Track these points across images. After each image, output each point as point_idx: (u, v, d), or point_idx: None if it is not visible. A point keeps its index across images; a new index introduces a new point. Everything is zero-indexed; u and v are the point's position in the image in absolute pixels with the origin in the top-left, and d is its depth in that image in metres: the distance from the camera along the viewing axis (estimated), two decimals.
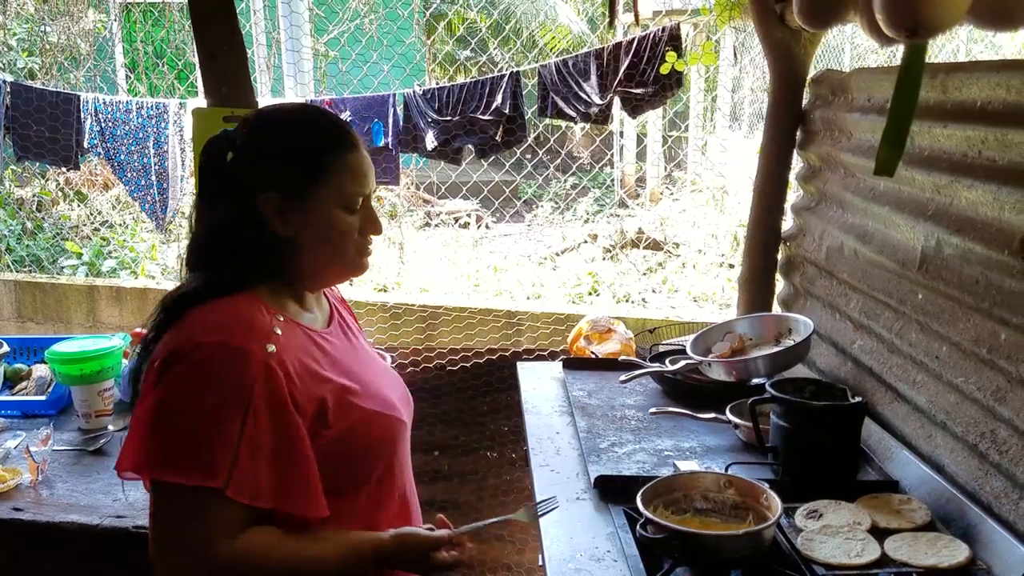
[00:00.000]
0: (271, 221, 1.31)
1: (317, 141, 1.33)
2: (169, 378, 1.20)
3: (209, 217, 1.34)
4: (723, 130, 7.28)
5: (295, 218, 1.32)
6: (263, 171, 1.31)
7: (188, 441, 1.18)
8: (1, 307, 4.69)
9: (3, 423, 2.30)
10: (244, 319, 1.26)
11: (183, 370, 1.20)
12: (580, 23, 9.57)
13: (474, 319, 3.83)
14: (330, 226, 1.34)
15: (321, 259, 1.37)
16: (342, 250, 1.37)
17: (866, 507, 1.62)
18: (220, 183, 1.33)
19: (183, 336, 1.23)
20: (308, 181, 1.31)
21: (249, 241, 1.31)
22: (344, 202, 1.34)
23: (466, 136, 3.71)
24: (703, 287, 5.40)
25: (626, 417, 2.14)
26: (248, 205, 1.30)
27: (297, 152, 1.32)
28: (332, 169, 1.33)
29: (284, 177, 1.31)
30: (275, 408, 1.22)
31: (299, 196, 1.31)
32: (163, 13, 6.78)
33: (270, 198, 1.30)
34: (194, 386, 1.20)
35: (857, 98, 2.21)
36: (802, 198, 2.58)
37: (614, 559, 1.51)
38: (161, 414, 1.20)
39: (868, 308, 2.06)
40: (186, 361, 1.21)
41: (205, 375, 1.20)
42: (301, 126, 1.35)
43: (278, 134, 1.34)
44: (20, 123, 4.02)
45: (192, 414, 1.19)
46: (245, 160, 1.31)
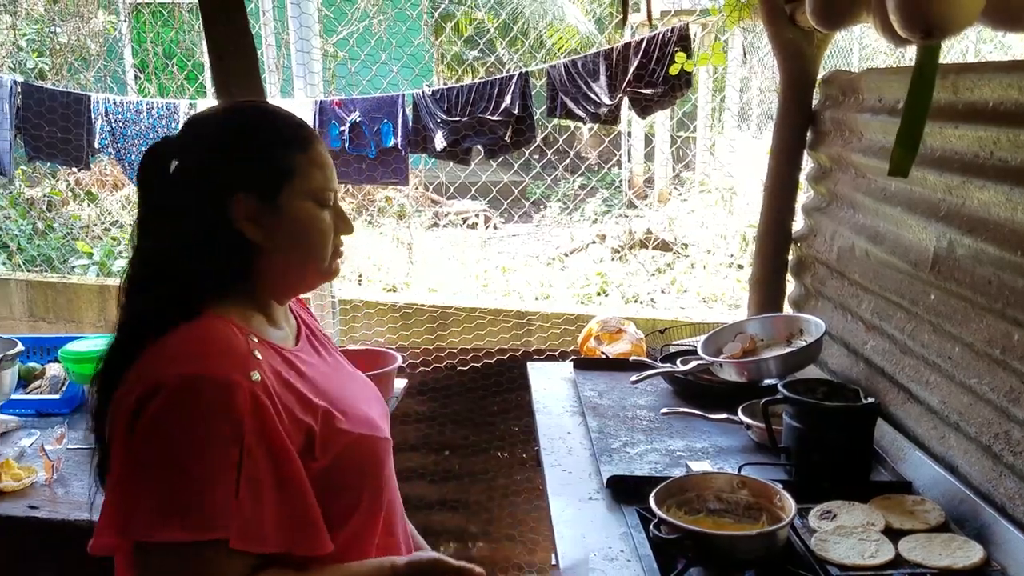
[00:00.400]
0: (243, 226, 1.20)
1: (283, 137, 1.24)
2: (145, 422, 1.06)
3: (167, 230, 1.19)
4: (731, 130, 7.27)
5: (269, 220, 1.21)
6: (231, 172, 1.20)
7: (180, 491, 1.04)
8: (13, 306, 4.71)
9: (18, 422, 2.32)
10: (221, 345, 1.13)
11: (161, 410, 1.05)
12: (588, 23, 9.57)
13: (484, 319, 3.84)
14: (308, 224, 1.24)
15: (296, 263, 1.26)
16: (320, 250, 1.26)
17: (879, 508, 1.62)
18: (176, 191, 1.20)
19: (154, 371, 1.09)
20: (281, 179, 1.21)
21: (219, 250, 1.19)
22: (317, 197, 1.25)
23: (475, 136, 3.71)
24: (712, 288, 5.39)
25: (637, 417, 2.14)
26: (216, 211, 1.18)
27: (264, 149, 1.22)
28: (302, 164, 1.23)
29: (256, 177, 1.20)
30: (269, 442, 1.10)
31: (272, 196, 1.21)
32: (172, 14, 6.81)
33: (242, 200, 1.19)
34: (177, 428, 1.05)
35: (868, 98, 2.21)
36: (813, 199, 2.58)
37: (628, 559, 1.52)
38: (142, 465, 1.06)
39: (880, 309, 2.06)
40: (163, 400, 1.06)
41: (188, 414, 1.06)
42: (259, 123, 1.25)
43: (242, 131, 1.24)
44: (31, 123, 4.04)
45: (180, 460, 1.05)
46: (206, 163, 1.20)
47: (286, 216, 1.22)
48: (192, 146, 1.22)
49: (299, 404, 1.19)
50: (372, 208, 7.23)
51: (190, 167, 1.21)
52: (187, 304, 1.16)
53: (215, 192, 1.19)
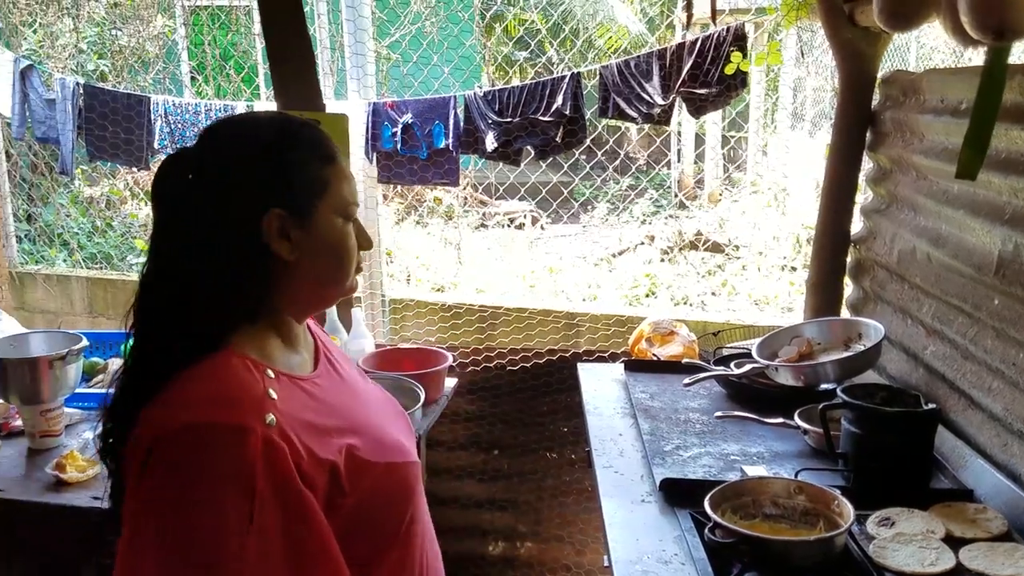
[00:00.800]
0: (275, 244, 1.13)
1: (314, 150, 1.18)
2: (154, 473, 1.01)
3: (188, 249, 1.12)
4: (785, 131, 7.17)
5: (300, 237, 1.15)
6: (262, 186, 1.13)
7: (191, 542, 1.00)
8: (74, 302, 4.85)
9: (81, 415, 2.38)
10: (235, 387, 1.07)
11: (171, 461, 1.01)
12: (639, 23, 9.52)
13: (533, 320, 3.85)
14: (338, 241, 1.19)
15: (324, 280, 1.21)
16: (348, 266, 1.22)
17: (940, 515, 1.59)
18: (199, 207, 1.12)
19: (165, 416, 1.04)
20: (314, 194, 1.16)
21: (249, 270, 1.13)
22: (344, 212, 1.20)
23: (526, 137, 3.72)
24: (764, 290, 5.33)
25: (690, 420, 2.13)
26: (247, 228, 1.12)
27: (299, 163, 1.16)
28: (332, 178, 1.18)
29: (290, 192, 1.14)
30: (282, 490, 1.04)
31: (305, 212, 1.15)
32: (229, 17, 6.94)
33: (275, 217, 1.13)
34: (187, 478, 1.00)
35: (929, 99, 2.17)
36: (872, 200, 2.53)
37: (681, 562, 1.51)
38: (152, 516, 1.01)
39: (941, 313, 2.02)
40: (172, 450, 1.02)
41: (199, 464, 1.01)
42: (293, 136, 1.18)
43: (272, 143, 1.16)
44: (94, 124, 4.15)
45: (189, 510, 1.00)
46: (235, 177, 1.13)
47: (317, 232, 1.17)
48: (217, 159, 1.15)
49: (320, 442, 1.12)
50: (421, 208, 7.29)
51: (215, 181, 1.13)
52: (211, 337, 1.10)
53: (245, 208, 1.12)
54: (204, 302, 1.10)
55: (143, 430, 1.04)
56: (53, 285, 4.85)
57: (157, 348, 1.10)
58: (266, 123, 1.21)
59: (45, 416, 2.18)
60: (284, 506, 1.03)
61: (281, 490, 1.03)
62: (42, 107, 4.26)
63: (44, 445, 2.18)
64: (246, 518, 1.00)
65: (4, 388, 2.17)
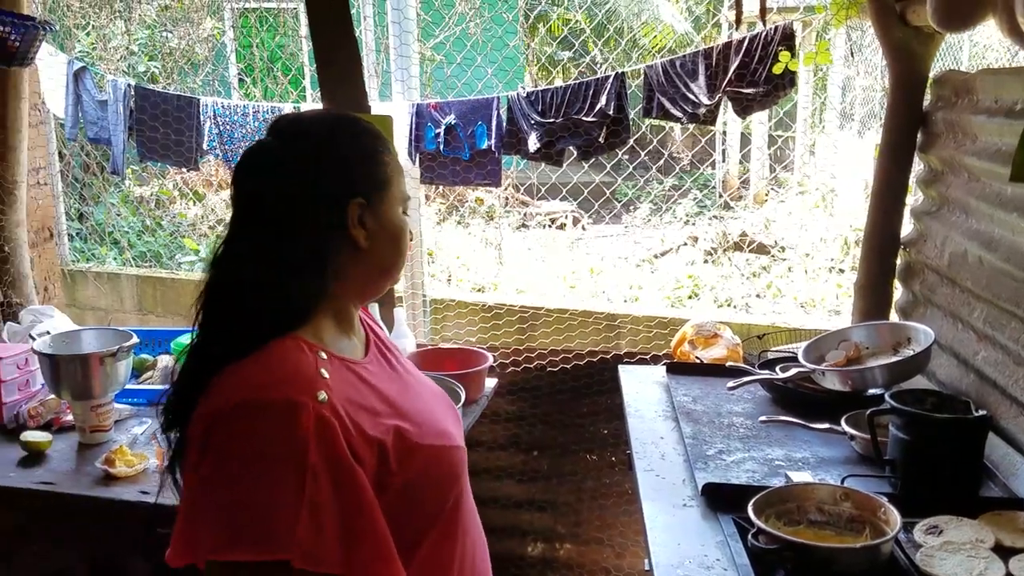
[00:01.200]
0: (353, 230, 1.20)
1: (380, 144, 1.26)
2: (212, 449, 1.07)
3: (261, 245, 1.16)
4: (833, 130, 7.06)
5: (372, 226, 1.22)
6: (348, 178, 1.21)
7: (245, 514, 1.04)
8: (124, 300, 4.96)
9: (131, 410, 2.43)
10: (289, 367, 1.12)
11: (227, 438, 1.07)
12: (684, 22, 9.45)
13: (573, 320, 3.84)
14: (399, 231, 1.26)
15: (385, 268, 1.28)
16: (404, 254, 1.29)
17: (989, 524, 1.55)
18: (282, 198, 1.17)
19: (221, 399, 1.09)
20: (383, 185, 1.24)
21: (330, 256, 1.19)
22: (403, 205, 1.28)
23: (569, 138, 3.71)
24: (811, 293, 5.25)
25: (734, 424, 2.11)
26: (332, 217, 1.19)
27: (373, 156, 1.24)
28: (393, 171, 1.26)
29: (367, 183, 1.22)
30: (334, 465, 1.08)
31: (377, 202, 1.23)
32: (277, 19, 7.03)
33: (356, 206, 1.20)
34: (242, 453, 1.06)
35: (983, 100, 2.12)
36: (922, 202, 2.48)
37: (724, 568, 1.49)
38: (210, 488, 1.07)
39: (993, 318, 1.97)
40: (229, 427, 1.07)
41: (253, 439, 1.06)
42: (363, 130, 1.26)
43: (345, 138, 1.24)
44: (145, 125, 4.23)
45: (245, 483, 1.04)
46: (316, 169, 1.19)
47: (385, 222, 1.24)
48: (302, 150, 1.20)
49: (369, 421, 1.16)
50: (463, 209, 7.31)
51: (302, 172, 1.18)
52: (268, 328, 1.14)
53: (332, 197, 1.19)
54: (281, 286, 1.14)
55: (204, 409, 1.10)
56: (103, 283, 4.97)
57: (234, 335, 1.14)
58: (338, 118, 1.29)
59: (96, 411, 2.22)
60: (336, 481, 1.07)
61: (333, 465, 1.07)
62: (94, 108, 4.36)
63: (94, 440, 2.23)
64: (299, 492, 1.04)
65: (56, 384, 2.23)
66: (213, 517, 1.05)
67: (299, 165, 1.18)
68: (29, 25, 2.66)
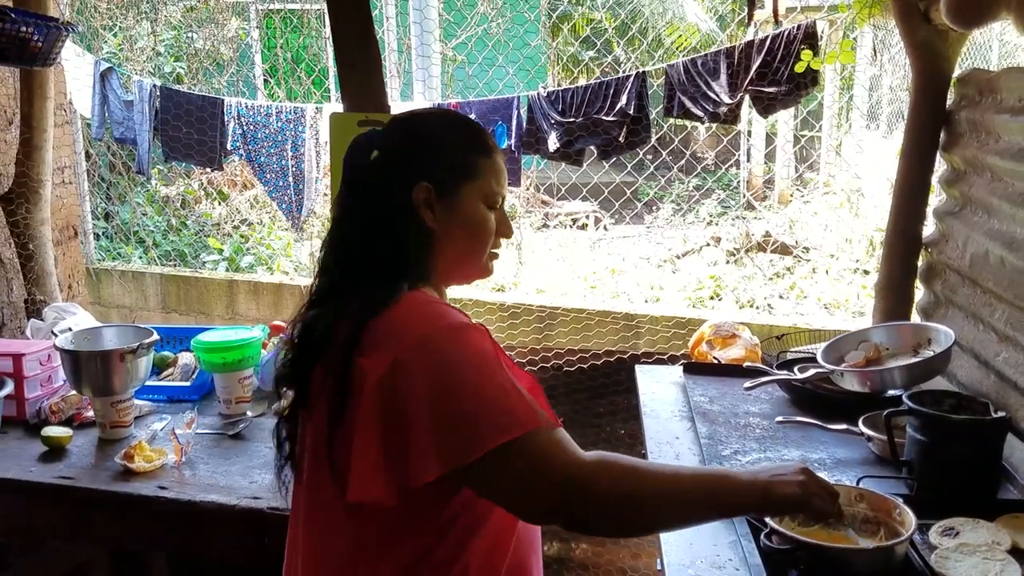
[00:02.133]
0: (421, 211, 1.34)
1: (469, 140, 1.39)
2: (419, 380, 1.19)
3: (360, 216, 1.35)
4: (860, 130, 6.98)
5: (443, 210, 1.35)
6: (419, 164, 1.35)
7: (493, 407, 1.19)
8: (148, 298, 5.01)
9: (151, 407, 2.46)
10: (441, 304, 1.31)
11: (432, 363, 1.20)
12: (709, 21, 9.39)
13: (591, 320, 3.83)
14: (474, 221, 1.38)
15: (461, 252, 1.39)
16: (481, 247, 1.40)
17: (1006, 527, 1.53)
18: (372, 176, 1.36)
19: (398, 343, 1.22)
20: (461, 177, 1.36)
21: (401, 229, 1.33)
22: (487, 200, 1.39)
23: (589, 137, 3.70)
24: (835, 294, 5.19)
25: (750, 425, 2.09)
26: (402, 195, 1.33)
27: (452, 149, 1.37)
28: (481, 168, 1.38)
29: (439, 170, 1.35)
30: (506, 360, 1.28)
31: (450, 191, 1.35)
32: (301, 20, 7.08)
33: (423, 188, 1.33)
34: (457, 368, 1.21)
35: (1007, 99, 2.09)
36: (945, 202, 2.45)
37: (736, 568, 1.48)
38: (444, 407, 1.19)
39: (1015, 319, 1.94)
40: (426, 358, 1.21)
41: (458, 354, 1.22)
42: (454, 126, 1.41)
43: (435, 131, 1.40)
44: (170, 125, 4.28)
45: (477, 387, 1.20)
46: (400, 154, 1.36)
47: (459, 210, 1.36)
48: (393, 138, 1.38)
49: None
50: None
51: (388, 156, 1.36)
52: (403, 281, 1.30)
53: (403, 178, 1.34)
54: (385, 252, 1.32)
55: (375, 354, 1.22)
56: (128, 281, 5.02)
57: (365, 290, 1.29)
58: (440, 114, 1.52)
59: (116, 407, 2.25)
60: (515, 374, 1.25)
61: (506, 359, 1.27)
62: (120, 108, 4.41)
63: (114, 436, 2.26)
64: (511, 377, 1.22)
65: (77, 380, 2.26)
66: (460, 423, 1.18)
67: (385, 148, 1.37)
68: (52, 26, 2.69)
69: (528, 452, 1.18)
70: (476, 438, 1.18)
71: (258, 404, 2.45)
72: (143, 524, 2.02)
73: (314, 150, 4.20)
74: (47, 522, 2.12)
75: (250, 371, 2.42)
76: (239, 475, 2.05)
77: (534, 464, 1.18)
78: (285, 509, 1.87)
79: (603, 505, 1.19)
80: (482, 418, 1.19)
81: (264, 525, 1.89)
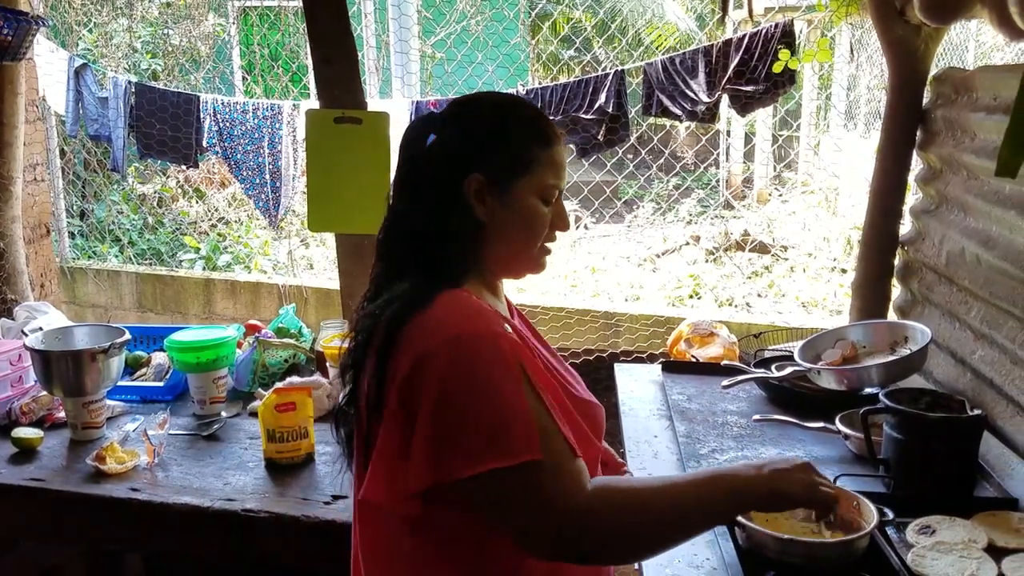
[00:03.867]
0: (472, 202, 1.30)
1: (527, 132, 1.33)
2: (432, 384, 1.16)
3: (411, 201, 1.32)
4: (837, 129, 7.02)
5: (494, 203, 1.30)
6: (473, 154, 1.30)
7: (490, 428, 1.14)
8: (124, 297, 4.96)
9: (123, 407, 2.42)
10: (475, 308, 1.25)
11: (447, 369, 1.16)
12: (688, 20, 9.42)
13: (571, 319, 3.82)
14: (526, 217, 1.33)
15: (512, 247, 1.35)
16: (532, 242, 1.35)
17: (983, 524, 1.54)
18: (423, 166, 1.32)
19: (426, 338, 1.19)
20: (516, 171, 1.31)
21: (451, 218, 1.29)
22: (543, 194, 1.33)
23: (568, 136, 3.70)
24: (813, 292, 5.22)
25: (727, 423, 2.09)
26: (454, 184, 1.29)
27: (508, 141, 1.31)
28: (538, 161, 1.32)
29: (493, 163, 1.30)
30: (538, 374, 1.23)
31: (504, 183, 1.30)
32: (279, 17, 7.02)
33: (475, 180, 1.29)
34: (470, 379, 1.16)
35: (982, 97, 2.10)
36: (921, 200, 2.47)
37: (713, 567, 1.48)
38: (447, 417, 1.15)
39: (990, 317, 1.96)
40: (445, 361, 1.17)
41: (474, 365, 1.17)
42: (512, 115, 1.34)
43: (492, 120, 1.33)
44: (144, 122, 4.23)
45: (484, 403, 1.15)
46: (454, 142, 1.31)
47: (511, 204, 1.31)
48: (451, 125, 1.32)
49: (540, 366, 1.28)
50: None
51: (444, 143, 1.31)
52: (448, 276, 1.27)
53: (457, 168, 1.29)
54: (433, 243, 1.29)
55: (403, 352, 1.20)
56: (103, 280, 4.97)
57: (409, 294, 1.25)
58: (500, 102, 1.40)
59: (88, 408, 2.22)
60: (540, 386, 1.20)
61: (536, 377, 1.21)
62: (95, 105, 4.36)
63: (86, 436, 2.22)
64: (523, 400, 1.16)
65: (48, 380, 2.22)
66: (452, 439, 1.15)
67: (442, 134, 1.31)
68: (22, 20, 2.66)
69: (523, 484, 1.14)
70: (469, 455, 1.14)
71: (233, 404, 2.43)
72: (116, 526, 1.99)
73: (291, 147, 4.17)
74: (19, 524, 2.08)
75: (225, 371, 2.39)
76: (213, 477, 2.03)
77: (527, 498, 1.14)
78: (259, 511, 1.87)
79: (604, 543, 1.17)
80: (479, 436, 1.14)
81: (238, 526, 1.87)
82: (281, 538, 1.87)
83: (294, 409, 2.05)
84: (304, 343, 2.65)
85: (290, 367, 2.56)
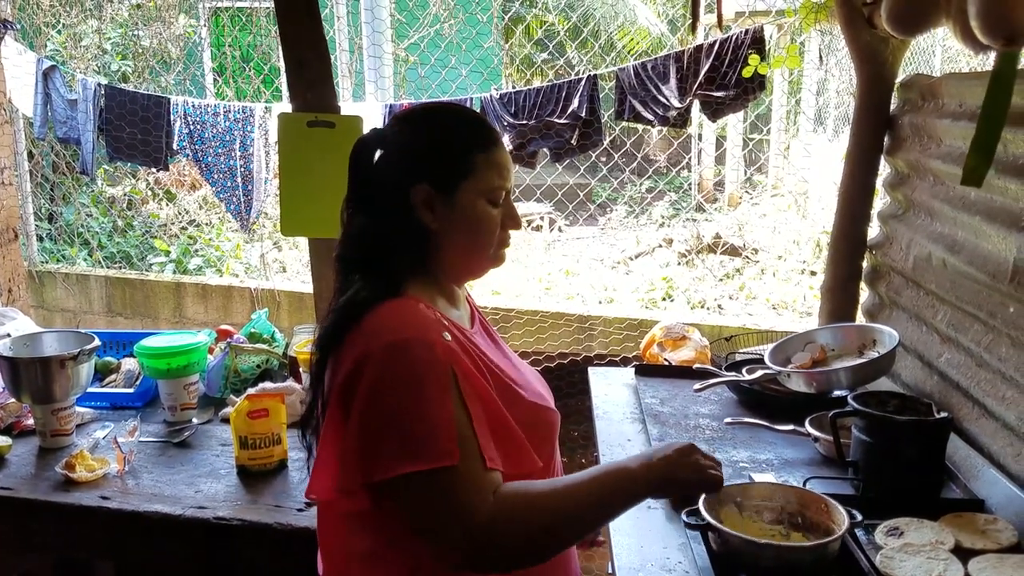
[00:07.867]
0: (420, 213, 1.34)
1: (466, 137, 1.37)
2: (367, 383, 1.22)
3: (363, 215, 1.37)
4: (807, 133, 7.10)
5: (442, 210, 1.35)
6: (416, 165, 1.35)
7: (414, 431, 1.19)
8: (92, 302, 4.90)
9: (93, 414, 2.39)
10: (417, 315, 1.29)
11: (379, 373, 1.22)
12: (660, 25, 9.48)
13: (545, 323, 3.83)
14: (476, 219, 1.37)
15: (465, 251, 1.39)
16: (486, 242, 1.39)
17: (950, 526, 1.56)
18: (372, 181, 1.37)
19: (366, 342, 1.25)
20: (458, 175, 1.35)
21: (404, 235, 1.34)
22: (489, 196, 1.37)
23: (542, 140, 3.71)
24: (783, 295, 5.27)
25: (700, 426, 2.11)
26: (401, 196, 1.34)
27: (448, 147, 1.36)
28: (480, 164, 1.36)
29: (435, 171, 1.34)
30: (472, 384, 1.26)
31: (449, 189, 1.34)
32: (250, 18, 6.97)
33: (421, 190, 1.33)
34: (398, 384, 1.22)
35: (948, 103, 2.14)
36: (889, 205, 2.50)
37: (686, 570, 1.49)
38: (374, 418, 1.21)
39: (956, 321, 1.99)
40: (378, 365, 1.22)
41: (404, 370, 1.22)
42: (451, 123, 1.40)
43: (432, 130, 1.39)
44: (113, 124, 4.19)
45: (406, 408, 1.20)
46: (398, 156, 1.36)
47: (458, 209, 1.35)
48: (393, 139, 1.38)
49: (484, 371, 1.32)
50: None
51: (389, 157, 1.37)
52: (391, 285, 1.32)
53: (402, 180, 1.34)
54: (379, 254, 1.34)
55: (345, 356, 1.25)
56: (72, 284, 4.90)
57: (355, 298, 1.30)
58: (436, 112, 1.47)
59: (57, 415, 2.19)
60: (477, 396, 1.26)
61: (472, 385, 1.26)
62: (64, 107, 4.31)
63: (56, 444, 2.19)
64: (450, 407, 1.21)
65: (16, 387, 2.19)
66: (382, 440, 1.20)
67: (386, 148, 1.37)
68: None
69: (437, 489, 1.19)
70: (391, 457, 1.19)
71: (204, 411, 2.40)
72: (86, 534, 1.97)
73: (263, 150, 4.15)
74: None
75: (196, 377, 2.37)
76: (184, 484, 2.01)
77: (440, 503, 1.19)
78: (232, 518, 1.86)
79: (513, 551, 1.22)
80: (401, 439, 1.19)
81: (209, 534, 1.86)
82: (254, 545, 1.85)
83: (267, 415, 2.04)
84: (277, 348, 2.63)
85: (262, 372, 2.54)
